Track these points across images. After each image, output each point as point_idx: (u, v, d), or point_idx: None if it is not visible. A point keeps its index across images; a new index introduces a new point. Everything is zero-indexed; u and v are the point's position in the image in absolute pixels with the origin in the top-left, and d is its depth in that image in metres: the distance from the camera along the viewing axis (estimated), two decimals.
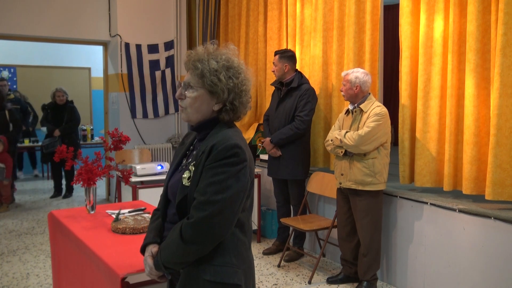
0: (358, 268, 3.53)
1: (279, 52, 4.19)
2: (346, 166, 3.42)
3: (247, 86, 1.65)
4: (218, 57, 1.61)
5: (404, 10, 3.54)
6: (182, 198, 1.58)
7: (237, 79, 1.61)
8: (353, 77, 3.44)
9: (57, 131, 6.50)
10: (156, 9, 6.37)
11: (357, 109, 3.43)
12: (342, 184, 3.45)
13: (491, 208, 2.98)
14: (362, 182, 3.36)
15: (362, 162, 3.35)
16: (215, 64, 1.59)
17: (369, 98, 3.46)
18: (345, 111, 3.61)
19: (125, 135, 2.90)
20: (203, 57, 1.61)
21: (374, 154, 3.35)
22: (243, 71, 1.65)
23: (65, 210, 2.93)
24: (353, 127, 3.43)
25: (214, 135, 1.60)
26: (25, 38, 6.18)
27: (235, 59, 1.64)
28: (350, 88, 3.44)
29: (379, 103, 3.47)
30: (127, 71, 6.17)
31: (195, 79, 1.61)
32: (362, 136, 3.26)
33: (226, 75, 1.60)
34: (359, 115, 3.42)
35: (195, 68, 1.60)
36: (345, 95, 3.49)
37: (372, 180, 3.34)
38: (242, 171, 1.53)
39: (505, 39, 2.80)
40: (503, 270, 2.85)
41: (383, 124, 3.32)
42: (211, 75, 1.58)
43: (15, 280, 3.77)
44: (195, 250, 1.51)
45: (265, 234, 4.87)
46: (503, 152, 2.86)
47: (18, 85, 8.70)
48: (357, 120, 3.42)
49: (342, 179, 3.45)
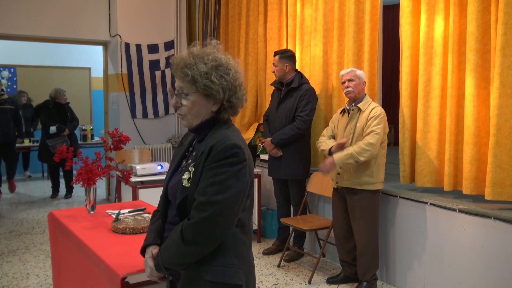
0: (358, 268, 3.53)
1: (279, 53, 4.18)
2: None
3: (239, 79, 1.63)
4: (205, 58, 1.58)
5: (404, 10, 3.54)
6: (182, 199, 1.58)
7: (228, 76, 1.60)
8: (360, 73, 3.46)
9: (67, 130, 6.51)
10: (156, 9, 6.37)
11: (355, 108, 3.43)
12: (340, 183, 3.45)
13: (491, 208, 2.98)
14: (360, 182, 3.36)
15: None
16: (204, 67, 1.56)
17: (365, 97, 3.47)
18: (340, 111, 3.61)
19: (125, 135, 2.90)
20: (190, 61, 1.57)
21: None
22: (232, 66, 1.62)
23: (65, 210, 2.93)
24: (349, 126, 3.42)
25: (213, 136, 1.59)
26: (25, 38, 6.18)
27: (222, 56, 1.61)
28: (359, 84, 3.45)
29: (376, 104, 3.48)
30: (127, 71, 6.17)
31: (188, 86, 1.58)
32: (375, 144, 3.26)
33: (217, 74, 1.57)
34: (357, 113, 3.42)
35: (185, 75, 1.57)
36: (353, 90, 3.43)
37: (369, 179, 3.35)
38: (242, 171, 1.53)
39: (505, 39, 2.80)
40: (503, 270, 2.85)
41: (385, 125, 3.35)
42: (202, 78, 1.56)
43: (15, 280, 3.77)
44: (196, 250, 1.51)
45: (265, 234, 4.87)
46: (503, 152, 2.87)
47: (18, 85, 8.70)
48: (354, 118, 3.42)
49: (339, 178, 3.45)
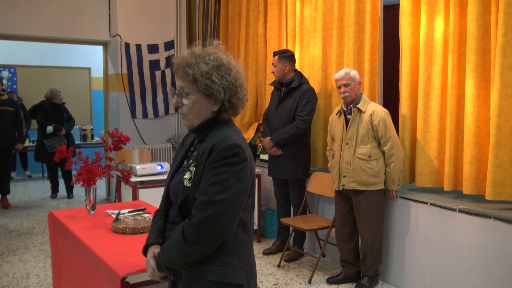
0: (362, 265, 3.54)
1: (278, 53, 4.18)
2: (348, 167, 3.42)
3: (240, 80, 1.64)
4: (206, 58, 1.59)
5: (404, 10, 3.53)
6: (183, 199, 1.58)
7: (229, 76, 1.60)
8: (354, 74, 3.45)
9: (63, 129, 6.51)
10: (156, 9, 6.37)
11: (355, 109, 3.43)
12: (346, 186, 3.45)
13: (491, 208, 2.98)
14: (367, 183, 3.37)
15: (366, 163, 3.37)
16: (205, 67, 1.57)
17: (362, 97, 3.48)
18: (336, 112, 3.60)
19: (125, 135, 2.90)
20: (191, 61, 1.58)
21: (377, 155, 3.37)
22: (234, 66, 1.63)
23: (65, 210, 2.93)
24: (351, 129, 3.42)
25: (214, 135, 1.60)
26: (25, 38, 6.18)
27: (223, 57, 1.62)
28: (355, 86, 3.45)
29: (376, 103, 3.48)
30: (127, 71, 6.17)
31: (189, 85, 1.59)
32: (396, 147, 3.34)
33: (218, 74, 1.58)
34: (358, 115, 3.42)
35: (186, 74, 1.58)
36: (350, 94, 3.44)
37: (376, 180, 3.37)
38: (243, 171, 1.53)
39: (505, 39, 2.80)
40: (503, 270, 2.85)
41: (391, 123, 3.39)
42: (203, 78, 1.56)
43: (15, 280, 3.77)
44: (197, 250, 1.51)
45: (265, 234, 4.87)
46: (503, 152, 2.86)
47: (18, 85, 8.70)
48: (355, 120, 3.42)
49: (345, 181, 3.45)
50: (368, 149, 3.37)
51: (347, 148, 3.43)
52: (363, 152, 3.37)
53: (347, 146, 3.43)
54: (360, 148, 3.38)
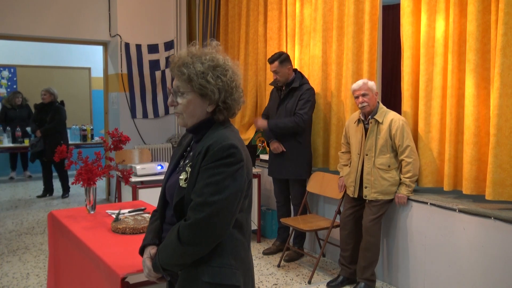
0: (358, 264, 3.53)
1: (275, 59, 4.11)
2: (369, 178, 3.43)
3: (236, 81, 1.62)
4: (203, 58, 1.58)
5: (405, 10, 3.53)
6: (179, 199, 1.57)
7: (225, 77, 1.59)
8: (372, 84, 3.45)
9: (38, 131, 6.45)
10: (156, 9, 6.37)
11: (372, 121, 3.43)
12: (368, 196, 3.45)
13: (491, 208, 2.98)
14: (389, 192, 3.41)
15: (386, 173, 3.39)
16: (201, 66, 1.56)
17: (380, 107, 3.47)
18: (354, 120, 3.59)
19: (125, 135, 2.90)
20: (187, 60, 1.58)
21: (396, 164, 3.41)
22: (230, 67, 1.61)
23: (65, 210, 2.93)
24: (370, 140, 3.42)
25: (210, 136, 1.58)
26: (25, 38, 6.18)
27: (219, 57, 1.61)
28: (373, 96, 3.45)
29: (394, 112, 3.47)
30: (127, 71, 6.17)
31: (184, 84, 1.58)
32: (414, 155, 3.34)
33: (214, 75, 1.57)
34: (375, 126, 3.42)
35: (181, 73, 1.57)
36: (369, 104, 3.42)
37: (395, 189, 3.42)
38: (239, 171, 1.52)
39: (505, 39, 2.80)
40: (503, 270, 2.85)
41: (409, 131, 3.39)
42: (198, 78, 1.55)
43: (15, 280, 3.77)
44: (193, 251, 1.50)
45: (265, 234, 4.87)
46: (503, 152, 2.86)
47: (18, 85, 8.70)
48: (374, 131, 3.42)
49: (367, 191, 3.45)
50: (387, 159, 3.38)
51: (367, 159, 3.44)
52: (382, 162, 3.39)
53: (367, 157, 3.44)
54: (380, 158, 3.39)
